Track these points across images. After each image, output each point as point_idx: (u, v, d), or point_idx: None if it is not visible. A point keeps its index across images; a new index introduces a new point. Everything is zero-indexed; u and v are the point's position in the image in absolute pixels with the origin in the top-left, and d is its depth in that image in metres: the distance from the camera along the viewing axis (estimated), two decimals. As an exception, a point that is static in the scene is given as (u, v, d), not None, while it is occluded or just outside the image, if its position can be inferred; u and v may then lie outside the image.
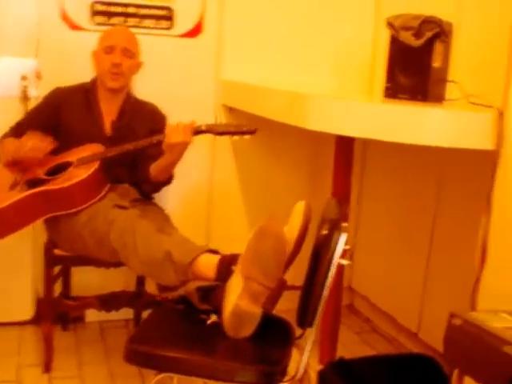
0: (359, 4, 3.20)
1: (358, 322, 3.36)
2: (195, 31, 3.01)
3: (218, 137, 2.42)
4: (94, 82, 2.66)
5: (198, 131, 2.36)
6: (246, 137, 2.36)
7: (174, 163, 2.47)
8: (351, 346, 3.01)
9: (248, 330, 1.84)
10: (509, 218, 1.99)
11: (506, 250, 1.99)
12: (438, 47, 2.32)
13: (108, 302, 2.62)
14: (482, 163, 2.13)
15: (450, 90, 2.38)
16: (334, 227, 1.66)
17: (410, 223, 3.01)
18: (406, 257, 3.04)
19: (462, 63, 2.48)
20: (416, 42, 2.29)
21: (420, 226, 2.92)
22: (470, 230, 2.26)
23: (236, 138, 2.37)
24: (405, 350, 3.01)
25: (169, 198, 2.90)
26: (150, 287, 2.68)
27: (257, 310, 1.84)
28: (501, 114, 2.02)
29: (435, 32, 2.31)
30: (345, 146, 2.44)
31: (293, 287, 1.94)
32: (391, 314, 3.15)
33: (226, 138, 2.43)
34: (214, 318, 1.95)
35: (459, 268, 2.57)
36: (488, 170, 2.06)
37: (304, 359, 1.80)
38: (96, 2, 2.86)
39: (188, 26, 3.00)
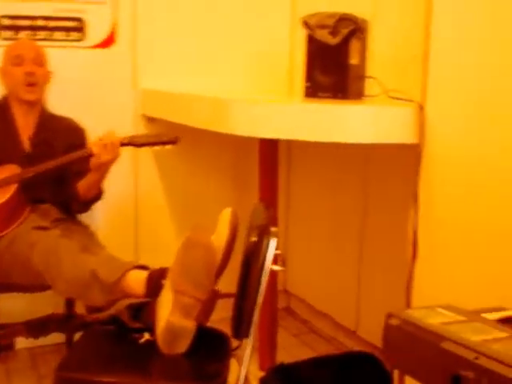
0: (274, 4, 3.19)
1: (296, 324, 3.34)
2: (108, 42, 2.93)
3: (139, 149, 2.36)
4: (5, 99, 2.54)
5: (121, 144, 2.29)
6: (168, 147, 2.30)
7: (102, 178, 2.40)
8: (291, 349, 2.99)
9: (183, 346, 1.79)
10: (436, 211, 2.00)
11: (436, 242, 2.00)
12: (355, 44, 2.31)
13: (36, 327, 2.52)
14: (407, 157, 2.14)
15: (370, 86, 2.38)
16: (263, 233, 1.63)
17: (340, 222, 3.02)
18: (339, 255, 3.04)
19: (380, 59, 2.48)
20: (333, 40, 2.29)
21: (350, 223, 2.93)
22: (399, 224, 2.27)
23: (158, 148, 2.31)
24: (345, 348, 3.01)
25: (94, 215, 2.81)
26: (81, 308, 2.58)
27: (190, 324, 1.79)
28: (421, 108, 2.03)
29: (351, 29, 2.30)
30: (269, 148, 2.41)
31: (226, 295, 1.89)
32: (328, 313, 3.15)
33: (147, 148, 2.37)
34: (147, 336, 1.89)
35: (392, 263, 2.58)
36: (413, 163, 2.07)
37: (243, 370, 1.75)
38: (2, 17, 2.74)
39: (100, 36, 2.92)
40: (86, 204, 2.52)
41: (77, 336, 2.56)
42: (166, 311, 1.80)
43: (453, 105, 1.95)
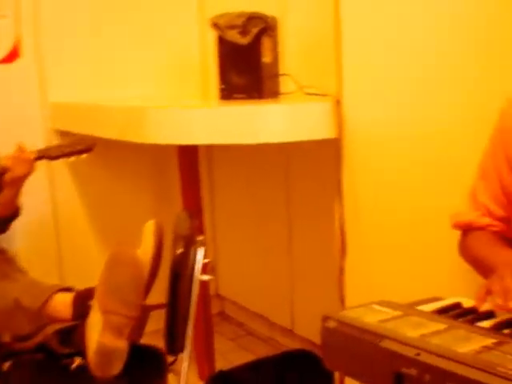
0: (181, 7, 3.13)
1: (232, 328, 3.31)
2: (12, 56, 2.81)
3: (53, 162, 2.27)
4: None
5: (36, 158, 2.20)
6: (84, 156, 2.22)
7: (17, 194, 2.29)
8: (229, 355, 2.95)
9: (117, 367, 1.72)
10: (361, 204, 2.00)
11: (364, 236, 2.00)
12: (266, 43, 2.30)
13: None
14: (328, 152, 2.13)
15: (285, 84, 2.37)
16: (189, 243, 1.58)
17: (267, 222, 3.00)
18: (269, 256, 3.02)
19: (293, 56, 2.48)
20: (243, 40, 2.26)
21: (277, 223, 2.91)
22: (326, 220, 2.26)
23: (73, 159, 2.22)
24: (283, 347, 2.99)
25: (11, 238, 2.69)
26: (6, 337, 2.47)
27: (122, 344, 1.72)
28: (338, 102, 2.02)
29: (261, 28, 2.29)
30: (188, 155, 2.36)
31: (157, 306, 1.83)
32: (263, 314, 3.13)
33: (61, 162, 2.27)
34: (78, 360, 1.81)
35: (323, 259, 2.57)
36: (335, 158, 2.06)
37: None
38: None
39: (3, 51, 2.80)
40: (4, 222, 2.41)
41: (4, 367, 2.45)
42: (96, 333, 1.73)
43: (369, 96, 1.95)
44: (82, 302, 1.90)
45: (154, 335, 1.87)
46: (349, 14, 1.98)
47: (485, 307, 1.13)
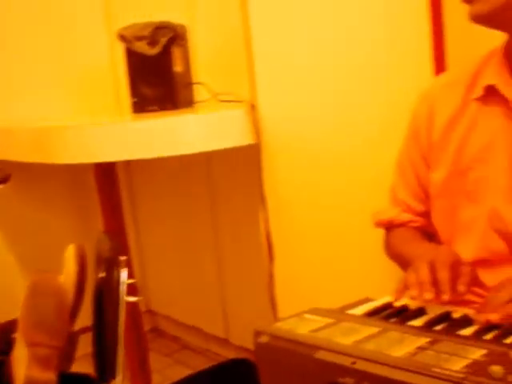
0: (88, 20, 3.03)
1: (166, 343, 3.25)
2: None
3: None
4: None
5: None
6: (0, 186, 2.13)
7: None
8: (165, 371, 2.89)
9: (47, 400, 1.65)
10: (285, 208, 1.99)
11: (290, 240, 1.99)
12: (176, 52, 2.26)
13: None
14: (249, 159, 2.11)
15: (199, 93, 2.33)
16: (112, 265, 1.52)
17: (193, 233, 2.96)
18: (198, 267, 2.98)
19: (205, 64, 2.45)
20: (152, 51, 2.21)
21: (203, 233, 2.88)
22: (253, 227, 2.23)
23: (-12, 189, 2.14)
24: (220, 358, 2.95)
25: None
26: None
27: (51, 376, 1.64)
28: (253, 107, 2.00)
29: (170, 37, 2.25)
30: (105, 173, 2.29)
31: (85, 330, 1.77)
32: (197, 325, 3.08)
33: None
34: (6, 397, 1.72)
35: (252, 266, 2.55)
36: (256, 164, 2.04)
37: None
38: None
39: None
40: None
41: None
42: (23, 366, 1.65)
43: (283, 99, 1.94)
44: (5, 335, 1.82)
45: (84, 360, 1.81)
46: (257, 19, 1.96)
47: (401, 302, 1.13)
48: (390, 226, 1.45)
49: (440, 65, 1.53)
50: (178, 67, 2.25)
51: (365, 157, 1.74)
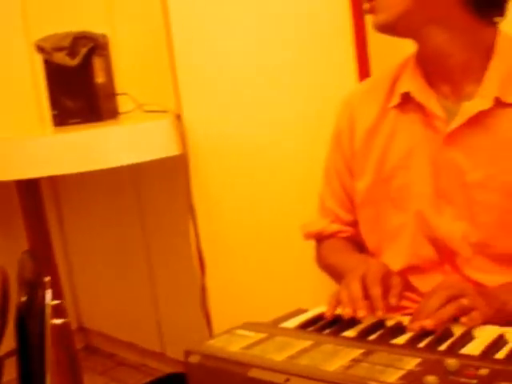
0: (6, 31, 2.92)
1: (101, 361, 3.16)
2: None
3: None
4: None
5: None
6: None
7: None
8: (101, 390, 2.82)
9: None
10: (214, 219, 1.96)
11: (221, 252, 1.95)
12: (98, 62, 2.20)
13: None
14: (177, 170, 2.06)
15: (123, 104, 2.28)
16: (35, 287, 1.46)
17: (124, 247, 2.90)
18: (130, 282, 2.92)
19: (129, 74, 2.39)
20: (72, 62, 2.14)
21: (134, 247, 2.82)
22: (184, 240, 2.19)
23: None
24: (157, 373, 2.89)
25: None
26: None
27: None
28: (178, 117, 1.96)
29: (90, 47, 2.18)
30: (28, 190, 2.20)
31: (11, 354, 1.69)
32: (132, 341, 3.01)
33: None
34: None
35: (184, 279, 2.51)
36: (184, 175, 2.00)
37: None
38: None
39: None
40: None
41: None
42: None
43: (208, 108, 1.91)
44: None
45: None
46: (180, 27, 1.93)
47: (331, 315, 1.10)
48: (319, 238, 1.43)
49: (364, 70, 1.53)
50: (99, 78, 2.19)
51: (294, 164, 1.73)
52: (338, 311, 1.09)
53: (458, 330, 1.00)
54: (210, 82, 1.89)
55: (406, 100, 1.23)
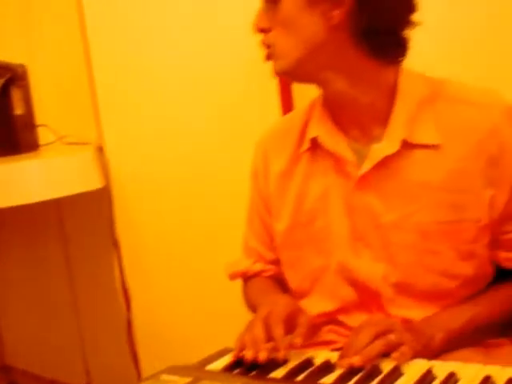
0: None
1: (25, 400, 3.05)
2: None
3: None
4: None
5: None
6: None
7: None
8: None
9: None
10: (140, 253, 1.91)
11: (147, 287, 1.91)
12: (16, 93, 2.13)
13: None
14: (101, 204, 2.01)
15: (44, 136, 2.21)
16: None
17: (48, 283, 2.81)
18: (55, 317, 2.83)
19: (49, 105, 2.33)
20: (-13, 95, 2.07)
21: (58, 283, 2.73)
22: (108, 274, 2.13)
23: None
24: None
25: None
26: None
27: None
28: (100, 149, 1.92)
29: (8, 78, 2.11)
30: None
31: None
32: (57, 378, 2.91)
33: None
34: None
35: (110, 314, 2.44)
36: (108, 209, 1.95)
37: None
38: None
39: None
40: None
41: None
42: None
43: (131, 140, 1.88)
44: None
45: None
46: (100, 57, 1.90)
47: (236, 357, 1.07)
48: (245, 278, 1.41)
49: (287, 104, 1.53)
50: (18, 109, 2.12)
51: (218, 197, 1.71)
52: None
53: (386, 366, 0.99)
54: (132, 112, 1.86)
55: (316, 144, 1.21)
